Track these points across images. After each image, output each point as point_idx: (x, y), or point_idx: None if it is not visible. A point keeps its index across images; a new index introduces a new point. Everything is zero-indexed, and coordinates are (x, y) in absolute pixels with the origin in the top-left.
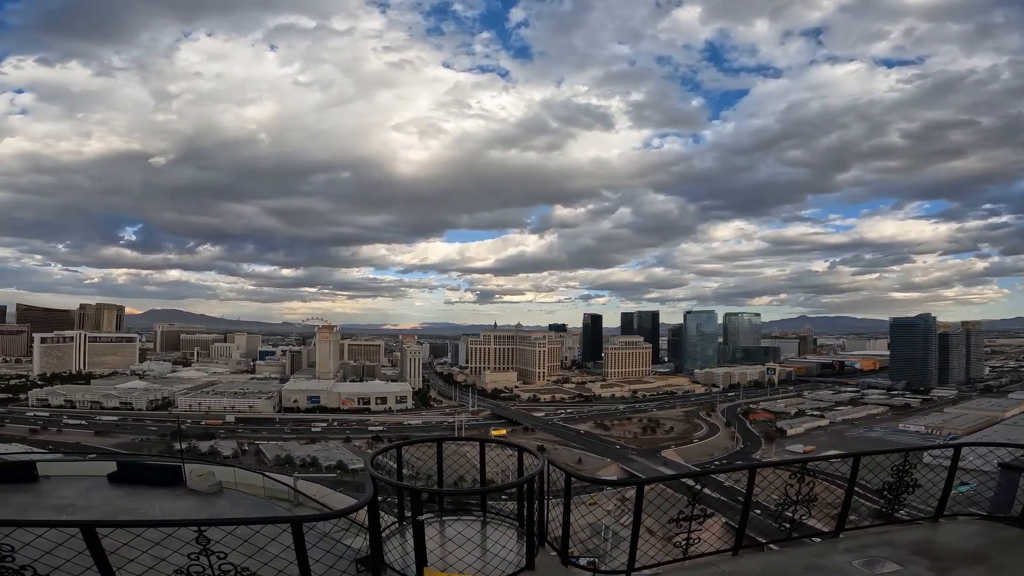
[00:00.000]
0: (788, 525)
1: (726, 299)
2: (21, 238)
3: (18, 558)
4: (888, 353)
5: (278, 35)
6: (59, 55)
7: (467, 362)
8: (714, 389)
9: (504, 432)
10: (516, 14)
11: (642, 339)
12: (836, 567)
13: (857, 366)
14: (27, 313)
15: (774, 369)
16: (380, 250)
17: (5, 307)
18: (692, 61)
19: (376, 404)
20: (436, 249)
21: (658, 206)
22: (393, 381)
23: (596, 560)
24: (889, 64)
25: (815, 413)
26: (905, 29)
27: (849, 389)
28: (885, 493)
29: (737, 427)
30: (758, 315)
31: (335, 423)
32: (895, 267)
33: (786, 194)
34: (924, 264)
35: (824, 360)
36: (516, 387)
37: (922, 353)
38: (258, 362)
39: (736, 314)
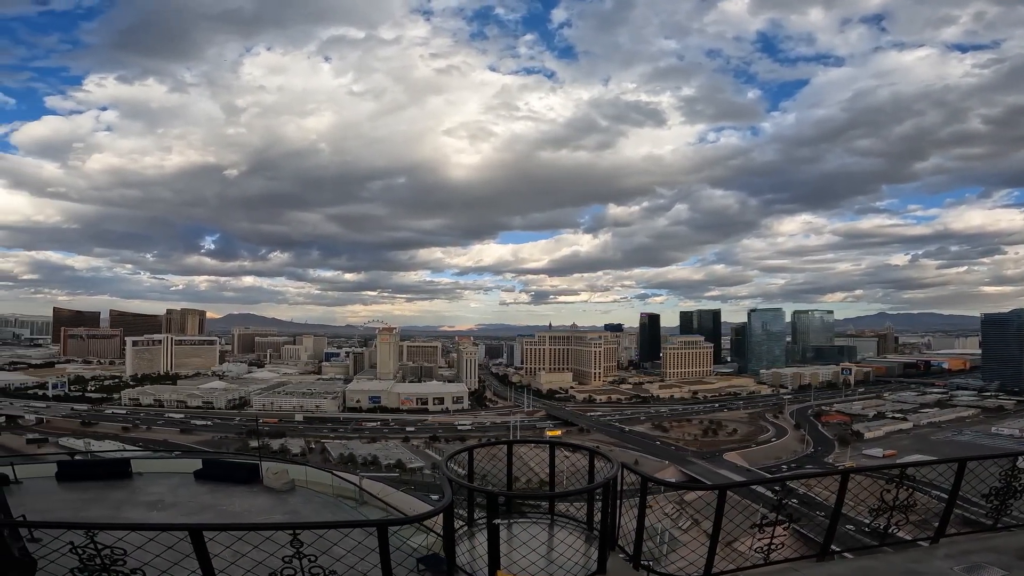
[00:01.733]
0: (882, 533)
1: (794, 296)
2: (113, 249)
3: (129, 561)
4: (979, 352)
5: (331, 47)
6: (137, 72)
7: (522, 363)
8: (782, 390)
9: (559, 433)
10: (558, 15)
11: (703, 338)
12: (936, 573)
13: (944, 366)
14: (120, 318)
15: (850, 369)
16: (436, 253)
17: (99, 313)
18: (744, 53)
19: (433, 404)
20: (490, 251)
21: (716, 201)
22: (450, 382)
23: (651, 563)
24: (962, 49)
25: (897, 416)
26: (975, 13)
27: (936, 390)
28: (991, 499)
29: (808, 430)
30: (831, 312)
31: (394, 423)
32: (985, 259)
33: (858, 185)
34: (1017, 255)
35: (907, 360)
36: (571, 388)
37: (1017, 351)
38: (324, 363)
39: (806, 312)
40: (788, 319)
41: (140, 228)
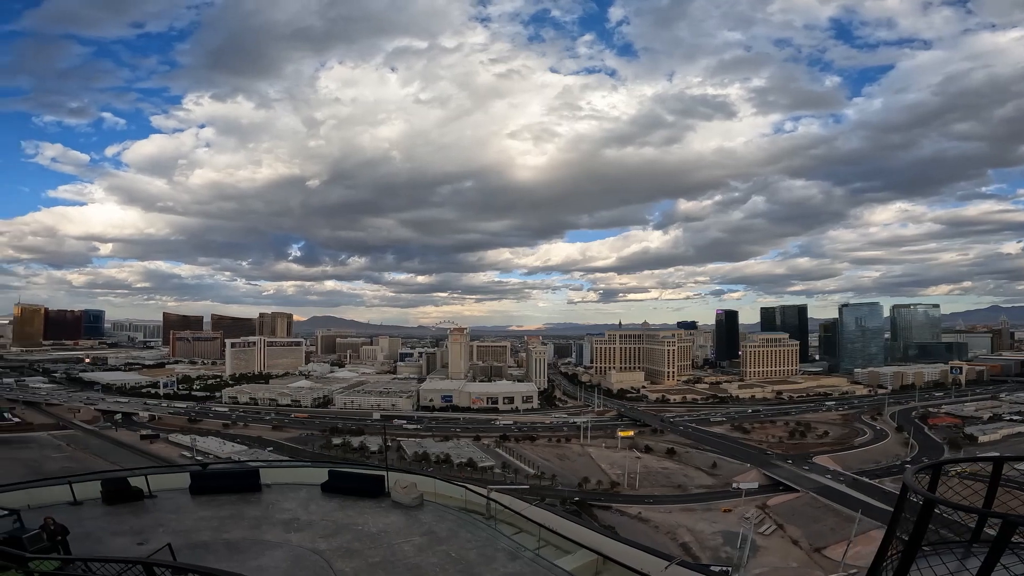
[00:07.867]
0: None
1: (891, 289)
2: (214, 258)
3: None
4: None
5: (396, 58)
6: (227, 90)
7: (592, 362)
8: (880, 391)
9: (631, 433)
10: (615, 13)
11: (787, 336)
12: None
13: None
14: (220, 322)
15: (960, 368)
16: (504, 254)
17: (203, 317)
18: (816, 41)
19: (503, 404)
20: (558, 250)
21: (797, 192)
22: (519, 381)
23: (729, 570)
24: None
25: (1015, 417)
26: None
27: None
28: None
29: (912, 433)
30: (936, 306)
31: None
32: None
33: (960, 170)
34: None
35: None
36: (643, 387)
37: None
38: (399, 363)
39: (907, 306)
40: (886, 314)
41: (237, 238)
